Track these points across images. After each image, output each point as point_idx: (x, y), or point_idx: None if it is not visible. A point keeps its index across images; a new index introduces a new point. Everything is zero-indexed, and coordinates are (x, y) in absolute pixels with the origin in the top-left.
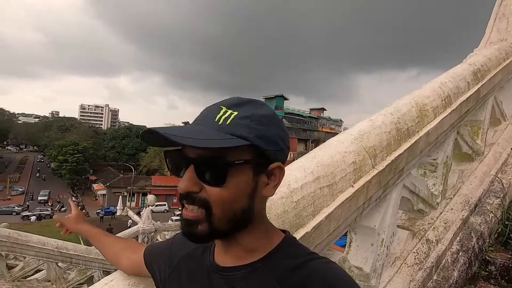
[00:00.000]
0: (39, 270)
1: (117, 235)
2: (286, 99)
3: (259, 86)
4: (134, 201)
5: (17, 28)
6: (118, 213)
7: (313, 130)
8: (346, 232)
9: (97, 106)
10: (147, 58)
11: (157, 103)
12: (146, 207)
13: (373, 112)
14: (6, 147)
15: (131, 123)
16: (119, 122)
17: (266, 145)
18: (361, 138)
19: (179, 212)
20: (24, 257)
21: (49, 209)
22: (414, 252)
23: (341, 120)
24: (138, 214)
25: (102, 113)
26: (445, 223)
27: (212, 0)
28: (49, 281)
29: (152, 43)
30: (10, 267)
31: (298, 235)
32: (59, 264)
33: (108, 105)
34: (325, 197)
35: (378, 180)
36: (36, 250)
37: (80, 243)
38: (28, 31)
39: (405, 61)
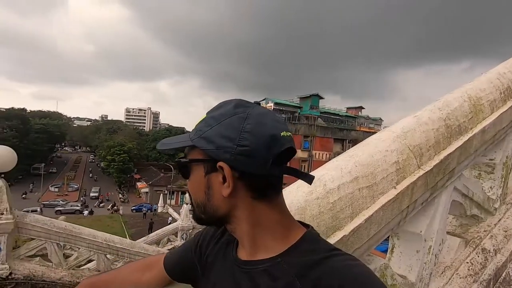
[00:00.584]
0: (90, 261)
1: (157, 231)
2: (321, 98)
3: (295, 85)
4: (173, 199)
5: (74, 40)
6: (159, 210)
7: (350, 130)
8: (388, 237)
9: (140, 109)
10: (186, 62)
11: (195, 105)
12: (184, 205)
13: (417, 110)
14: (64, 148)
15: (170, 125)
16: (160, 124)
17: (206, 145)
18: (405, 135)
19: None
20: (78, 248)
21: (79, 205)
22: (467, 262)
23: (380, 119)
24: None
25: (145, 116)
26: (505, 231)
27: (249, 4)
28: (99, 271)
29: (191, 48)
30: (66, 256)
31: (335, 238)
32: (108, 256)
33: (150, 108)
34: (365, 199)
35: (425, 181)
36: (88, 242)
37: (126, 237)
38: (82, 42)
39: (456, 52)
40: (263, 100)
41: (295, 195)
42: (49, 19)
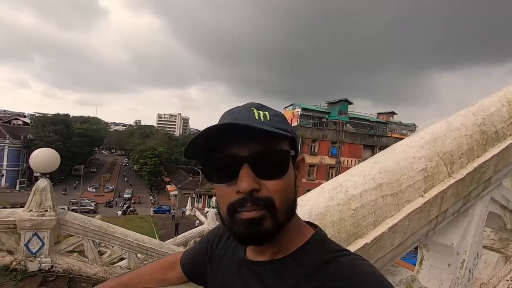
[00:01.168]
0: (122, 259)
1: (185, 233)
2: (350, 103)
3: (323, 90)
4: (201, 202)
5: (112, 49)
6: (187, 213)
7: (381, 136)
8: (416, 250)
9: (171, 115)
10: (213, 68)
11: (221, 110)
12: (211, 209)
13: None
14: (101, 151)
15: (199, 130)
16: (189, 129)
17: (296, 138)
18: (434, 142)
19: None
20: (112, 246)
21: (93, 204)
22: (507, 280)
23: (414, 125)
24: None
25: (175, 121)
26: None
27: (276, 8)
28: (130, 269)
29: (218, 54)
30: (101, 254)
31: (356, 245)
32: (138, 255)
33: (180, 113)
34: (389, 207)
35: (456, 190)
36: (120, 241)
37: (155, 238)
38: (119, 51)
39: (498, 54)
40: (290, 105)
41: (315, 200)
42: (91, 30)
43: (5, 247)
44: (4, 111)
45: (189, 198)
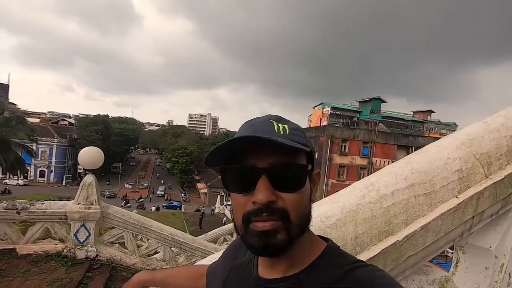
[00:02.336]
0: (156, 252)
1: (215, 230)
2: (383, 101)
3: (355, 89)
4: (229, 200)
5: (147, 53)
6: (216, 211)
7: (417, 136)
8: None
9: (201, 115)
10: (243, 69)
11: (251, 111)
12: None
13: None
14: (136, 150)
15: (228, 130)
16: (218, 129)
17: (314, 153)
18: (470, 143)
19: None
20: (148, 239)
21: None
22: None
23: (454, 124)
24: None
25: (205, 121)
26: None
27: (309, 7)
28: (164, 261)
29: (248, 55)
30: (138, 246)
31: (387, 242)
32: (172, 248)
33: (210, 114)
34: (421, 206)
35: (494, 192)
36: (156, 234)
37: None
38: (153, 55)
39: None
40: (319, 104)
41: (347, 198)
42: (127, 35)
43: (58, 235)
44: (53, 112)
45: (218, 196)
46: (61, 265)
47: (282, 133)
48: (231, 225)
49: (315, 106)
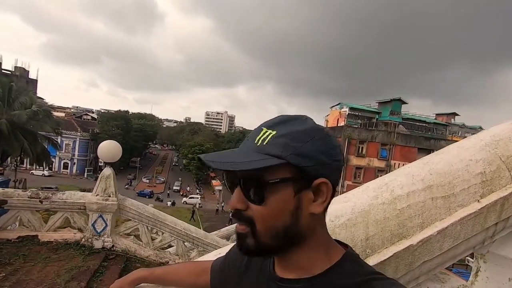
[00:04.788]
0: (170, 246)
1: (228, 226)
2: (404, 103)
3: (376, 90)
4: None
5: (168, 52)
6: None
7: (440, 139)
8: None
9: (218, 113)
10: (262, 68)
11: (268, 110)
12: None
13: None
14: (154, 145)
15: (244, 128)
16: (235, 127)
17: (304, 161)
18: (496, 144)
19: None
20: (162, 233)
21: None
22: None
23: (480, 128)
24: None
25: (222, 119)
26: None
27: (331, 6)
28: (177, 255)
29: (268, 54)
30: (152, 239)
31: (400, 246)
32: (185, 243)
33: (227, 112)
34: (438, 209)
35: None
36: (170, 228)
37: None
38: (174, 53)
39: None
40: (337, 105)
41: (359, 198)
42: (150, 33)
43: (76, 225)
44: (77, 107)
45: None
46: (79, 253)
47: (258, 144)
48: None
49: (332, 106)
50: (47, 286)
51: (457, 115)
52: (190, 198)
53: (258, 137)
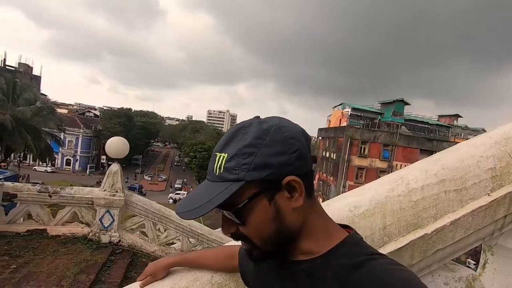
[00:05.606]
0: (174, 243)
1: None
2: (407, 103)
3: (379, 89)
4: None
5: (169, 48)
6: None
7: (442, 141)
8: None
9: (220, 112)
10: (263, 66)
11: (269, 107)
12: None
13: None
14: (156, 143)
15: None
16: None
17: (262, 173)
18: (506, 142)
19: None
20: (165, 229)
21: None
22: None
23: (483, 130)
24: None
25: (224, 118)
26: None
27: (335, 6)
28: (182, 251)
29: (270, 52)
30: (157, 235)
31: (416, 234)
32: (190, 239)
33: (229, 110)
34: (451, 202)
35: None
36: (176, 224)
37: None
38: (175, 50)
39: None
40: (339, 105)
41: (376, 190)
42: (152, 30)
43: (84, 219)
44: (79, 104)
45: None
46: (87, 247)
47: (217, 172)
48: None
49: (335, 106)
50: (57, 278)
51: (460, 116)
52: (176, 194)
53: (215, 166)
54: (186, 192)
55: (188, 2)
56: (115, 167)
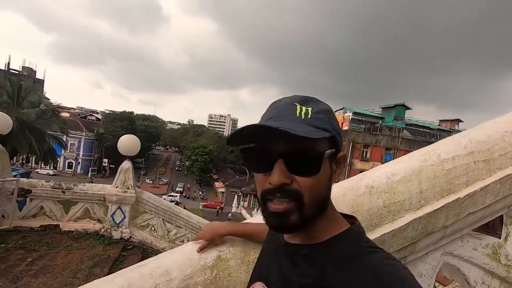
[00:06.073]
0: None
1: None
2: (408, 108)
3: (381, 95)
4: (246, 201)
5: (172, 53)
6: (233, 210)
7: None
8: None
9: (221, 116)
10: (266, 71)
11: None
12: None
13: None
14: (157, 147)
15: None
16: None
17: (339, 137)
18: None
19: None
20: (177, 226)
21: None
22: None
23: None
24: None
25: (225, 122)
26: None
27: (335, 12)
28: None
29: (272, 57)
30: (167, 231)
31: (449, 198)
32: None
33: (230, 115)
34: (480, 171)
35: None
36: (185, 221)
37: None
38: (179, 54)
39: None
40: (341, 109)
41: (409, 162)
42: (155, 35)
43: (96, 216)
44: (81, 108)
45: (236, 196)
46: (99, 243)
47: (303, 117)
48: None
49: (336, 111)
50: (72, 271)
51: (461, 121)
52: (169, 196)
53: (298, 112)
54: (177, 196)
55: (191, 8)
56: (126, 164)
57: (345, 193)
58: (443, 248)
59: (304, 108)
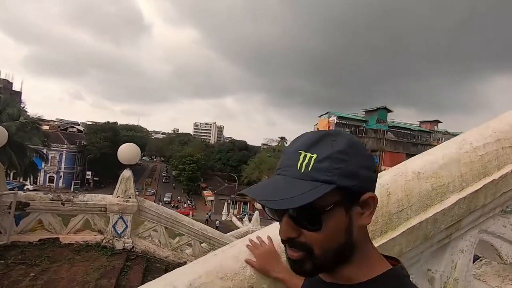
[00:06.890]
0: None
1: (232, 232)
2: (390, 111)
3: (363, 99)
4: (236, 208)
5: (155, 63)
6: (223, 218)
7: (426, 145)
8: None
9: (207, 124)
10: (250, 78)
11: (257, 120)
12: (256, 212)
13: None
14: (142, 158)
15: (233, 138)
16: (223, 137)
17: (351, 182)
18: None
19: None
20: (179, 233)
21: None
22: None
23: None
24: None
25: (211, 129)
26: None
27: (316, 14)
28: (194, 256)
29: (255, 64)
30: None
31: (486, 180)
32: (202, 244)
33: (215, 122)
34: (509, 155)
35: None
36: (188, 228)
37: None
38: (162, 64)
39: None
40: (325, 114)
41: (445, 150)
42: (136, 45)
43: (97, 227)
44: (61, 120)
45: (225, 204)
46: (102, 254)
47: (303, 170)
48: (246, 228)
49: (321, 115)
50: (79, 284)
51: (440, 122)
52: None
53: (299, 163)
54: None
55: (172, 18)
56: (127, 173)
57: (395, 179)
58: (479, 226)
59: (308, 156)
